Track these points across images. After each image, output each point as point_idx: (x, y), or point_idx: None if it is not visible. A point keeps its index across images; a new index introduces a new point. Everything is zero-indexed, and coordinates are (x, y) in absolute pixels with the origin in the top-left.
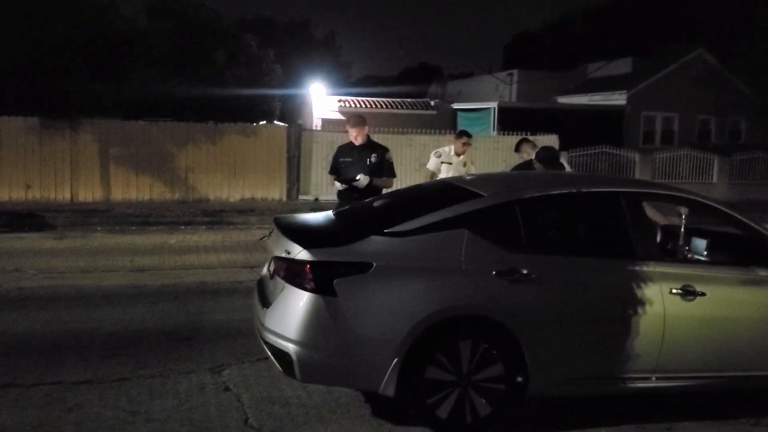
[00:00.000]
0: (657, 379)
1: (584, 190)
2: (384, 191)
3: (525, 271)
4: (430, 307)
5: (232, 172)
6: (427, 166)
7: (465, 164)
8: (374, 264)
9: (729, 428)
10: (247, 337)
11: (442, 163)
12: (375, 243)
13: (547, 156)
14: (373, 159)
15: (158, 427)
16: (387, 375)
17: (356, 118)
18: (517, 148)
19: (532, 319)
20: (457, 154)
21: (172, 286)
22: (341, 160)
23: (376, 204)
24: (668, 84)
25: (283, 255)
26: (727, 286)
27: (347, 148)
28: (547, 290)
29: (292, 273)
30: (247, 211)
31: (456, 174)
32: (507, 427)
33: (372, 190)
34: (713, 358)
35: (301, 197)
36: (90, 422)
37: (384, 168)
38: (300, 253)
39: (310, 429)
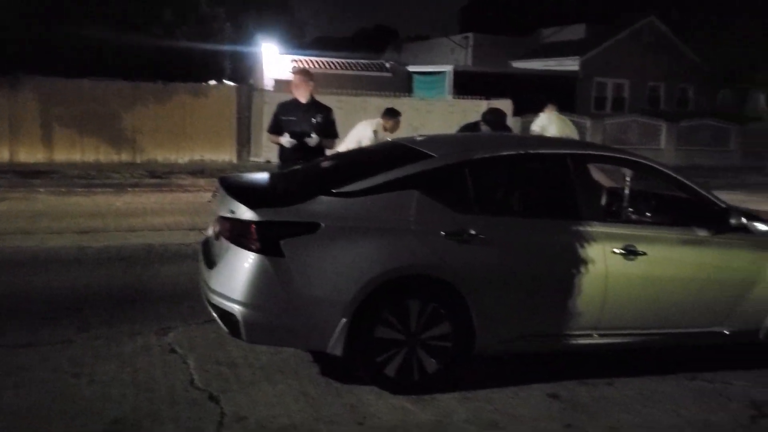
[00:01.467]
0: (599, 335)
1: (532, 152)
2: (327, 152)
3: (473, 232)
4: (378, 267)
5: (181, 133)
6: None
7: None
8: (322, 224)
9: (667, 383)
10: (193, 300)
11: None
12: (323, 203)
13: (493, 118)
14: (319, 119)
15: (102, 389)
16: (335, 335)
17: (303, 72)
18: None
19: (479, 278)
20: (384, 129)
21: (118, 248)
22: (284, 117)
23: (323, 164)
24: (620, 50)
25: (228, 215)
26: (667, 246)
27: (291, 106)
28: (494, 250)
29: (238, 233)
30: (196, 173)
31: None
32: (453, 385)
33: (319, 150)
34: (653, 315)
35: (252, 159)
36: (31, 385)
37: (329, 128)
38: (245, 213)
39: (258, 389)
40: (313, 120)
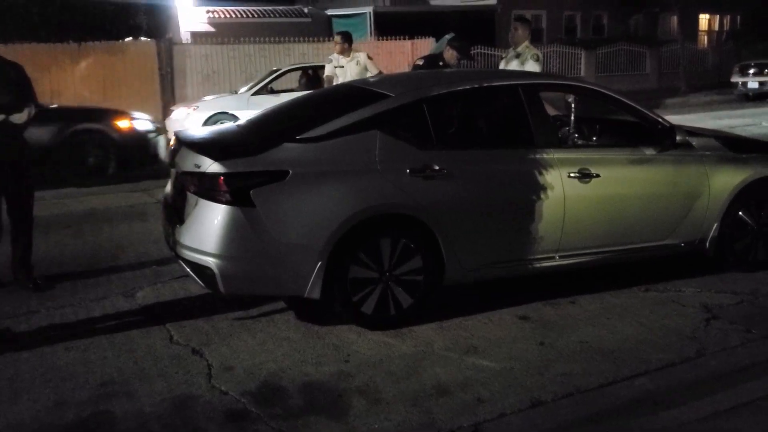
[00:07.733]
0: (560, 257)
1: (486, 85)
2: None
3: (437, 167)
4: (348, 209)
5: (102, 93)
6: (326, 74)
7: (358, 63)
8: (290, 171)
9: (624, 296)
10: (153, 260)
11: (335, 67)
12: (289, 150)
13: (460, 45)
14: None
15: (81, 355)
16: (312, 279)
17: None
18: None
19: (445, 211)
20: (342, 56)
21: (62, 216)
22: None
23: (283, 111)
24: None
25: (193, 170)
26: (618, 167)
27: None
28: (458, 183)
29: (206, 187)
30: None
31: (353, 76)
32: (427, 316)
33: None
34: (609, 234)
35: None
36: (3, 357)
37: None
38: (212, 166)
39: (238, 339)
40: None
